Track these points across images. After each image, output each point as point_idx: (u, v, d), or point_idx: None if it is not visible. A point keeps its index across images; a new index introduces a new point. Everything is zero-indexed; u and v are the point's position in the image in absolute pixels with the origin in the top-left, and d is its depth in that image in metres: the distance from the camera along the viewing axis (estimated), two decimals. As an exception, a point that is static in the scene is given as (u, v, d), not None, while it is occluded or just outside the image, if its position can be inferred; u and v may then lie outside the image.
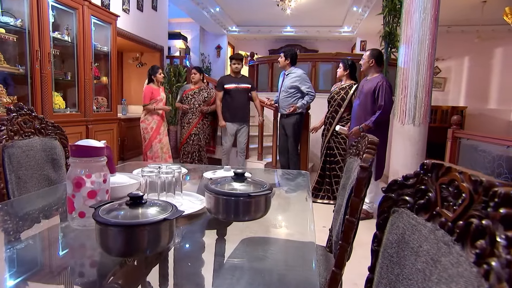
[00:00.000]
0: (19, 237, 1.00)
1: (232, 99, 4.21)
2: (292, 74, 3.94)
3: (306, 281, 0.79)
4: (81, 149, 0.95)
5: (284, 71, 4.04)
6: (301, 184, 1.73)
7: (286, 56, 3.92)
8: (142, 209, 0.85)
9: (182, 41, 8.81)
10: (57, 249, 0.95)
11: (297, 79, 3.89)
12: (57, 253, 0.93)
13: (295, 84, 3.89)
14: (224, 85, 4.19)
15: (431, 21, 4.12)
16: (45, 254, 0.93)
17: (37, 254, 0.92)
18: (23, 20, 2.88)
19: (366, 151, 1.18)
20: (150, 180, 1.15)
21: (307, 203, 1.38)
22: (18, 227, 1.07)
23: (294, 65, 4.00)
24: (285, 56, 3.92)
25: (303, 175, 1.82)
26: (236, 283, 0.78)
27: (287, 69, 3.98)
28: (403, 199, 0.67)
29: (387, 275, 0.64)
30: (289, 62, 3.94)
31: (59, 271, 0.84)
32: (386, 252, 0.66)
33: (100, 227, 0.79)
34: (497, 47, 8.54)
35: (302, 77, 3.90)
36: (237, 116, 4.25)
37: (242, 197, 1.02)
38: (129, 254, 0.81)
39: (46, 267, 0.86)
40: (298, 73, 3.92)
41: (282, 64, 3.97)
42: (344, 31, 9.67)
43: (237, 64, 4.20)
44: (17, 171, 1.47)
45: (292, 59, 3.95)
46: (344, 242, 1.19)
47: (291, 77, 3.93)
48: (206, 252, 0.96)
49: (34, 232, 1.04)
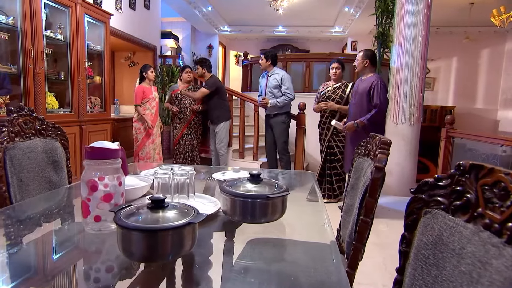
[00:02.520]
0: (31, 242, 0.97)
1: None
2: (275, 75, 3.96)
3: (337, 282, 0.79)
4: (97, 151, 0.92)
5: (266, 72, 4.05)
6: (308, 184, 1.72)
7: (267, 58, 3.95)
8: (164, 212, 0.83)
9: (173, 40, 8.73)
10: (72, 255, 0.92)
11: (279, 79, 3.93)
12: (72, 258, 0.90)
13: (278, 83, 3.92)
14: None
15: (423, 22, 4.19)
16: (60, 260, 0.90)
17: (50, 260, 0.89)
18: (15, 18, 2.81)
19: (379, 152, 1.19)
20: (162, 182, 1.13)
21: (319, 204, 1.38)
22: (28, 232, 1.03)
23: (275, 65, 4.05)
24: (265, 57, 3.95)
25: (310, 175, 1.82)
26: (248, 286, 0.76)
27: (270, 70, 4.00)
28: (436, 200, 0.67)
29: (422, 277, 0.64)
30: (270, 63, 3.97)
31: (74, 276, 0.81)
32: (420, 253, 0.66)
33: (122, 231, 0.77)
34: (483, 48, 8.73)
35: (285, 78, 3.94)
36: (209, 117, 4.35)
37: (261, 199, 1.01)
38: (152, 259, 0.79)
39: (60, 273, 0.83)
40: (282, 73, 3.97)
41: (263, 66, 4.00)
42: (335, 31, 9.75)
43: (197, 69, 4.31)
44: (18, 173, 1.42)
45: (273, 60, 3.99)
46: (358, 242, 1.20)
47: (275, 78, 3.95)
48: (214, 254, 0.94)
49: (47, 238, 1.01)
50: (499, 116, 8.69)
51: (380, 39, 5.30)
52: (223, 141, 4.37)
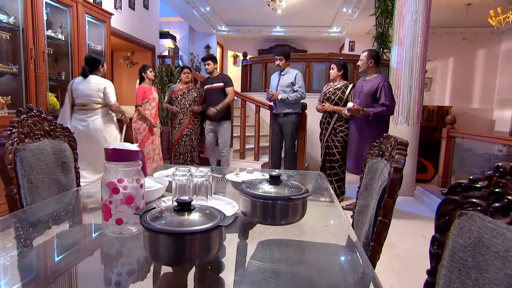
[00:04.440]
0: (49, 245, 0.95)
1: (209, 99, 4.31)
2: (289, 74, 3.97)
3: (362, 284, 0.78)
4: (118, 153, 0.91)
5: (279, 72, 4.04)
6: (320, 185, 1.72)
7: (286, 58, 3.96)
8: (190, 215, 0.81)
9: (171, 40, 8.69)
10: (93, 257, 0.91)
11: (294, 76, 3.94)
12: (93, 260, 0.89)
13: (292, 81, 3.93)
14: (204, 86, 4.36)
15: (422, 22, 4.21)
16: (83, 263, 0.88)
17: (73, 263, 0.88)
18: (16, 17, 2.77)
19: (397, 152, 1.19)
20: (180, 184, 1.11)
21: (334, 204, 1.37)
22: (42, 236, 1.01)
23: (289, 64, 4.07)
24: (285, 58, 3.95)
25: (320, 176, 1.82)
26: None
27: (285, 69, 4.00)
28: (471, 202, 0.67)
29: (460, 279, 0.64)
30: (288, 63, 4.00)
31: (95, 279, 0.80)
32: (457, 256, 0.66)
33: (150, 234, 0.76)
34: (480, 48, 8.81)
35: (299, 76, 3.97)
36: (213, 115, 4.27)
37: (282, 200, 1.00)
38: (180, 262, 0.78)
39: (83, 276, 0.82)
40: (296, 72, 3.99)
41: (283, 66, 3.99)
42: (333, 32, 9.77)
43: (207, 65, 4.27)
44: (29, 175, 1.40)
45: (289, 59, 4.03)
46: (376, 243, 1.19)
47: (289, 76, 3.96)
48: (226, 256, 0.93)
49: (67, 242, 0.99)
50: (495, 116, 8.77)
51: (379, 40, 5.33)
52: (227, 141, 4.36)
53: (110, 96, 3.15)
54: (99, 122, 3.17)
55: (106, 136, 3.24)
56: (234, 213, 1.11)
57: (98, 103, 3.14)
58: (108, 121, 3.27)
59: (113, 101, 3.17)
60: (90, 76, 3.08)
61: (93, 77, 3.10)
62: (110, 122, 3.30)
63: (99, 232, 1.01)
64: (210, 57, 4.35)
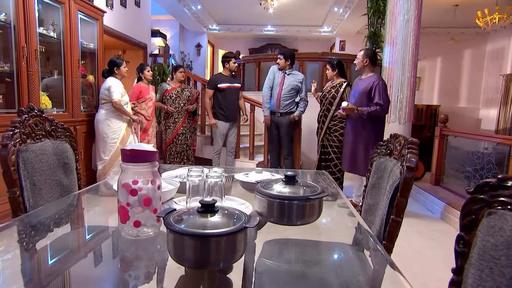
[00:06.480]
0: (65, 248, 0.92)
1: (225, 98, 4.16)
2: (295, 76, 3.96)
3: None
4: (136, 154, 0.89)
5: (284, 71, 4.00)
6: (327, 185, 1.72)
7: (286, 58, 3.93)
8: (213, 216, 0.80)
9: (161, 39, 8.58)
10: (110, 260, 0.89)
11: (300, 81, 3.94)
12: (110, 264, 0.87)
13: (298, 86, 3.92)
14: (217, 84, 4.12)
15: (414, 22, 4.26)
16: (100, 267, 0.86)
17: (89, 267, 0.85)
18: (7, 14, 2.69)
19: (409, 152, 1.20)
20: (193, 185, 1.10)
21: (344, 204, 1.37)
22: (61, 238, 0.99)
23: (293, 65, 4.03)
24: (285, 57, 3.93)
25: (326, 175, 1.82)
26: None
27: (287, 69, 3.98)
28: (500, 201, 0.67)
29: (492, 278, 0.64)
30: (289, 63, 3.96)
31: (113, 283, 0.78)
32: (488, 254, 0.66)
33: (174, 236, 0.74)
34: (466, 48, 8.99)
35: (304, 82, 3.98)
36: (230, 115, 4.20)
37: (299, 201, 1.00)
38: (204, 264, 0.77)
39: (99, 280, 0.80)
40: (301, 76, 3.99)
41: (282, 65, 3.96)
42: (323, 31, 9.82)
43: (236, 63, 4.23)
44: (31, 177, 1.36)
45: (292, 60, 3.98)
46: (389, 242, 1.20)
47: (296, 78, 3.95)
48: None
49: (84, 245, 0.97)
50: (481, 115, 8.96)
51: (372, 39, 5.38)
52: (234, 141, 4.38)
53: (112, 94, 3.39)
54: (101, 115, 3.46)
55: (105, 129, 3.46)
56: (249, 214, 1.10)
57: (104, 99, 3.45)
58: (111, 116, 3.48)
59: (115, 99, 3.39)
60: (108, 77, 3.49)
61: (109, 78, 3.48)
62: (113, 118, 3.49)
63: (116, 234, 0.98)
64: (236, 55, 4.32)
